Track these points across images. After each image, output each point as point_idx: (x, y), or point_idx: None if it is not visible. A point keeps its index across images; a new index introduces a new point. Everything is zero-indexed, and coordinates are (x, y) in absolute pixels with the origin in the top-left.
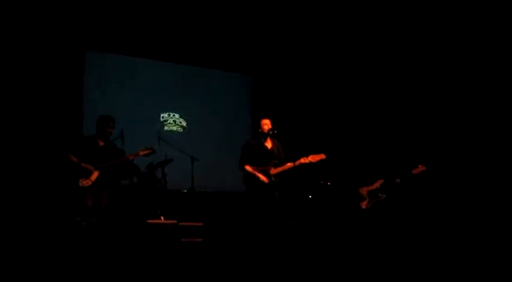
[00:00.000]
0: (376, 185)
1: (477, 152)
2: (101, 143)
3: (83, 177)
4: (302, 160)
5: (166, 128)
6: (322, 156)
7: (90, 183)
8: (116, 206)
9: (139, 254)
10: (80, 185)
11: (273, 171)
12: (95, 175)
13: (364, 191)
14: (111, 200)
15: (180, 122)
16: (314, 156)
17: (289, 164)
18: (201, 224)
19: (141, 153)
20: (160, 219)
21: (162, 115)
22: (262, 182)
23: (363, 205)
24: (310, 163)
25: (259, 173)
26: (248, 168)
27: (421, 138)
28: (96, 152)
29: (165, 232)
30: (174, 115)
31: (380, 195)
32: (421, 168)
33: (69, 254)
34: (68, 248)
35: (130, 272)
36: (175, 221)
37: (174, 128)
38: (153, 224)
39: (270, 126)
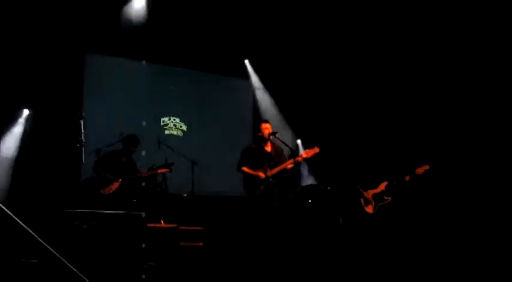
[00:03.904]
0: (381, 187)
1: (479, 149)
2: (124, 159)
3: (105, 186)
4: (297, 158)
5: (166, 132)
6: (316, 150)
7: (110, 191)
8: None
9: (138, 258)
10: (101, 192)
11: (269, 172)
12: (116, 186)
13: (369, 194)
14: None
15: (181, 126)
16: (308, 151)
17: (285, 164)
18: (201, 228)
19: (159, 171)
20: (161, 223)
21: (162, 119)
22: (259, 179)
23: (370, 209)
24: (306, 159)
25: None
26: (245, 169)
27: (422, 138)
28: (119, 166)
29: (165, 236)
30: (174, 119)
31: (386, 197)
32: (424, 167)
33: (68, 256)
34: (67, 251)
35: (129, 276)
36: (175, 225)
37: (175, 132)
38: (153, 227)
39: (271, 130)
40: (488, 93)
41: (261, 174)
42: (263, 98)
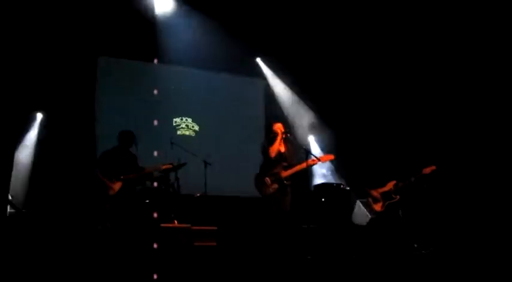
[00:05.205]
0: (389, 186)
1: (485, 149)
2: (124, 156)
3: (107, 188)
4: (311, 161)
5: (179, 132)
6: (331, 156)
7: (114, 192)
8: (130, 210)
9: (152, 258)
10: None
11: (284, 173)
12: (119, 185)
13: (377, 192)
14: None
15: (193, 126)
16: (323, 156)
17: (299, 166)
18: (214, 228)
19: (162, 167)
20: (174, 223)
21: (174, 120)
22: (273, 176)
23: (378, 207)
24: (320, 163)
25: (269, 177)
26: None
27: (429, 138)
28: (120, 164)
29: (178, 236)
30: (186, 119)
31: (394, 196)
32: (431, 167)
33: (83, 258)
34: (82, 252)
35: (143, 276)
36: (188, 225)
37: (187, 133)
38: (167, 228)
39: (283, 130)
40: (494, 94)
41: (268, 182)
42: (280, 94)
